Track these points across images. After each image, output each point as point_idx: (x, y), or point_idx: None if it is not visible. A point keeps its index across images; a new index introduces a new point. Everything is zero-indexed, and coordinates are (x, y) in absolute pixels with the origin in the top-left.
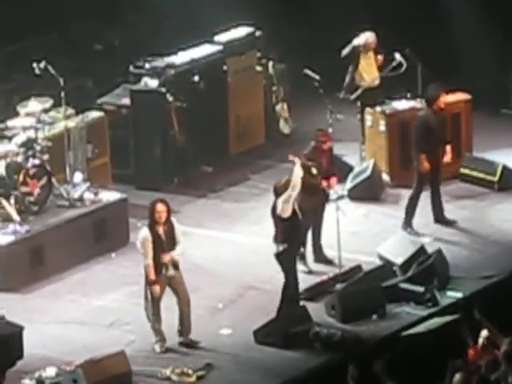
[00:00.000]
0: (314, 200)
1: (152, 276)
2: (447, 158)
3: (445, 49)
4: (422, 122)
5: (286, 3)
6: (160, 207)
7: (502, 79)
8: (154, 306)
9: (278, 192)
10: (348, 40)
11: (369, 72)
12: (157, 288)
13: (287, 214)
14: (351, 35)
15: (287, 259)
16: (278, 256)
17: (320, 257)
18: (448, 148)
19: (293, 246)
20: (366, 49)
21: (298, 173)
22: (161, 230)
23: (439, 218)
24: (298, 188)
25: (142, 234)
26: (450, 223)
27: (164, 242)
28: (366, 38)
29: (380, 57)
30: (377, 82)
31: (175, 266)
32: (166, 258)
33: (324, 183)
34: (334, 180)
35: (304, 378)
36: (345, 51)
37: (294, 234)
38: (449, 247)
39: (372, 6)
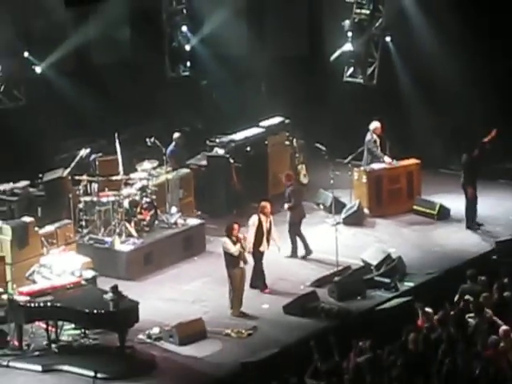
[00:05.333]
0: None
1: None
2: None
3: (404, 128)
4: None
5: (304, 101)
6: (236, 226)
7: (437, 152)
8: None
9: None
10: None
11: None
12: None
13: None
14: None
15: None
16: None
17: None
18: None
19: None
20: (375, 133)
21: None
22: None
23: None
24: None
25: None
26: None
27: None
28: (375, 125)
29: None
30: None
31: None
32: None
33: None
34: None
35: (315, 333)
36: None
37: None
38: (406, 254)
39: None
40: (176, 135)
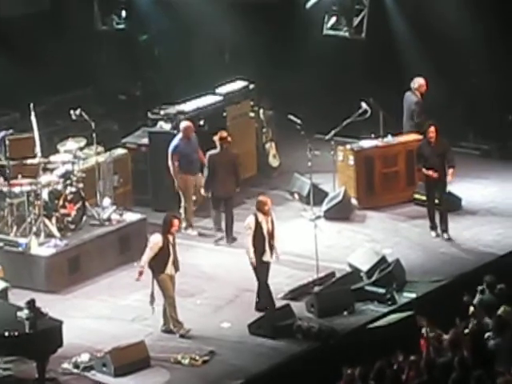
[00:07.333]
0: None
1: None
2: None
3: (401, 94)
4: None
5: (273, 61)
6: (176, 222)
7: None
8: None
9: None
10: None
11: None
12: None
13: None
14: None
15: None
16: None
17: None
18: None
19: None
20: (419, 92)
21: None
22: (171, 238)
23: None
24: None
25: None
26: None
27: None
28: (420, 82)
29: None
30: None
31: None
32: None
33: None
34: None
35: (288, 362)
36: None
37: None
38: (405, 257)
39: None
40: (184, 124)
